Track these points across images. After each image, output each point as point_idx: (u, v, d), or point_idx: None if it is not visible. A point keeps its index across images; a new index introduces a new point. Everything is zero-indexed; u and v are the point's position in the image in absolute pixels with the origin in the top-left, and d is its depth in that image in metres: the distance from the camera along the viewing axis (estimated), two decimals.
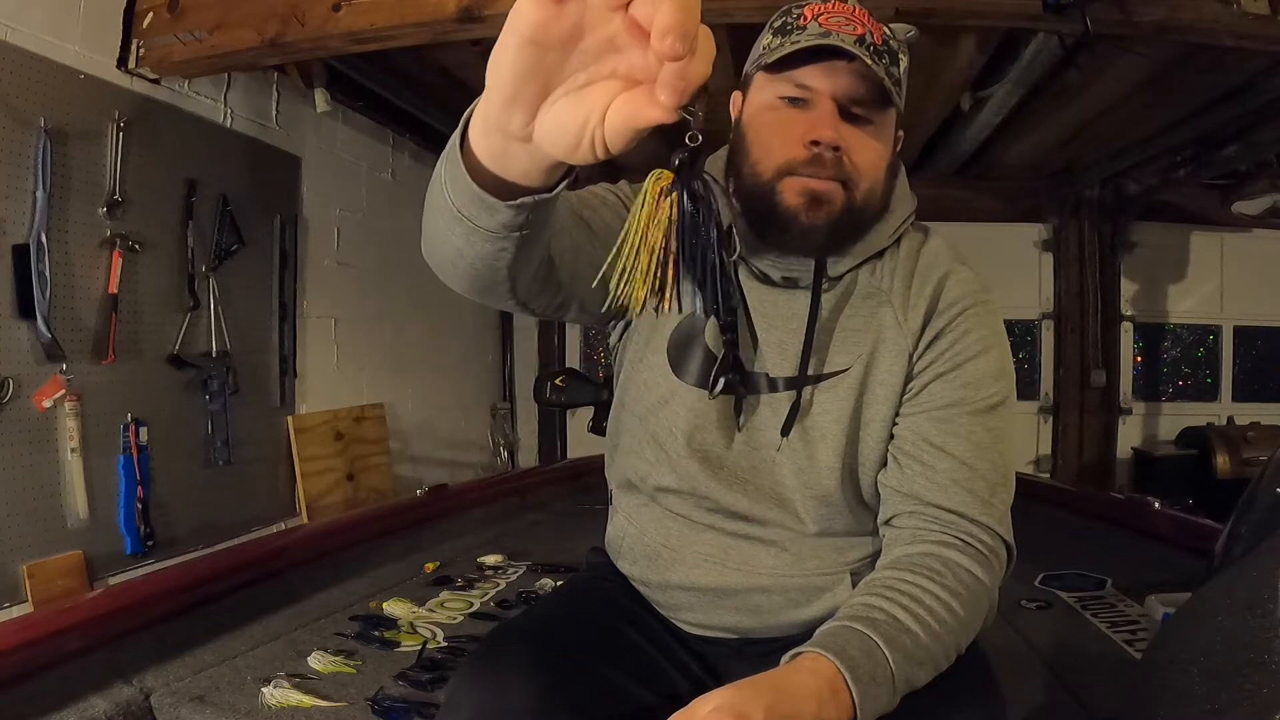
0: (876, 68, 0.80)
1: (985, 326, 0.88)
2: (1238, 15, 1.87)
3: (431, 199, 0.63)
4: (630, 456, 0.96)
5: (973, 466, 0.83)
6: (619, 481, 1.01)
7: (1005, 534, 0.84)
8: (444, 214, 0.60)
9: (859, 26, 0.81)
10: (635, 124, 0.41)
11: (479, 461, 4.38)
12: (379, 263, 3.41)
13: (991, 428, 0.85)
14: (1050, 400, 4.43)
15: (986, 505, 0.82)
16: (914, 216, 0.94)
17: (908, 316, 0.87)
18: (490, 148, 0.50)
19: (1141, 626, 1.48)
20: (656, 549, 0.94)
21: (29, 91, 1.94)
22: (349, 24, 2.13)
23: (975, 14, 2.03)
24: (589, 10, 0.39)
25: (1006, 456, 0.86)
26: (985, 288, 0.90)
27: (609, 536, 1.04)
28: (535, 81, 0.42)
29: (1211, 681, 0.58)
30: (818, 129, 0.81)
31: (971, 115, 3.16)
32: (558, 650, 0.81)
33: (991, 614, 0.84)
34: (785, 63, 0.82)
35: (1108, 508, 2.27)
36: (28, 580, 1.95)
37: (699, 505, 0.91)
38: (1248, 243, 4.26)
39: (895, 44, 0.85)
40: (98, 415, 2.15)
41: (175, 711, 1.14)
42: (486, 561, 1.88)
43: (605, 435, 1.04)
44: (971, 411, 0.85)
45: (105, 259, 2.16)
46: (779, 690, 0.64)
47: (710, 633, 0.93)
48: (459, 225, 0.60)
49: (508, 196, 0.55)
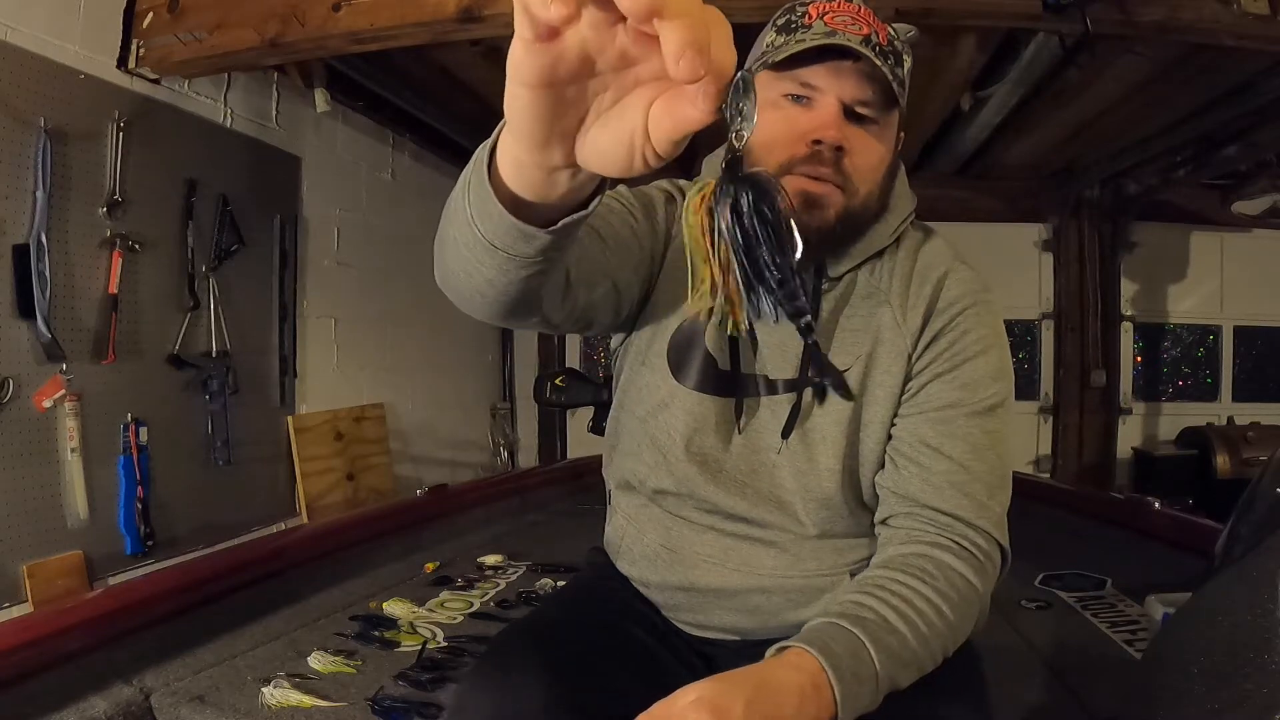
0: (883, 68, 0.79)
1: (985, 326, 0.87)
2: (1238, 15, 1.87)
3: (453, 233, 0.60)
4: (629, 459, 0.96)
5: (969, 469, 0.82)
6: (618, 482, 1.00)
7: (1001, 538, 0.83)
8: (473, 248, 0.58)
9: (865, 26, 0.80)
10: (679, 133, 0.38)
11: (479, 461, 4.38)
12: (379, 263, 3.41)
13: (990, 430, 0.84)
14: (1050, 400, 4.43)
15: (983, 508, 0.82)
16: (914, 215, 0.94)
17: (906, 317, 0.87)
18: (529, 182, 0.48)
19: (1141, 626, 1.48)
20: (656, 550, 0.94)
21: (29, 91, 1.94)
22: (349, 24, 2.13)
23: (975, 14, 2.03)
24: (588, 37, 0.36)
25: (1005, 459, 0.85)
26: (985, 287, 0.89)
27: (608, 536, 1.03)
28: (562, 119, 0.40)
29: (1211, 681, 0.58)
30: (821, 129, 0.80)
31: (971, 115, 3.16)
32: (566, 653, 0.80)
33: (982, 618, 0.83)
34: (791, 61, 0.81)
35: (1108, 508, 2.27)
36: (28, 580, 1.95)
37: (698, 508, 0.91)
38: (1248, 243, 4.26)
39: (900, 45, 0.84)
40: (98, 415, 2.15)
41: (175, 711, 1.14)
42: (486, 561, 1.88)
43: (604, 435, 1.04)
44: (970, 413, 0.84)
45: (105, 259, 2.17)
46: (761, 684, 0.64)
47: (710, 634, 0.93)
48: (492, 257, 0.58)
49: (545, 223, 0.53)
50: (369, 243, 3.39)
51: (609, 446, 1.02)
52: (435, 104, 3.24)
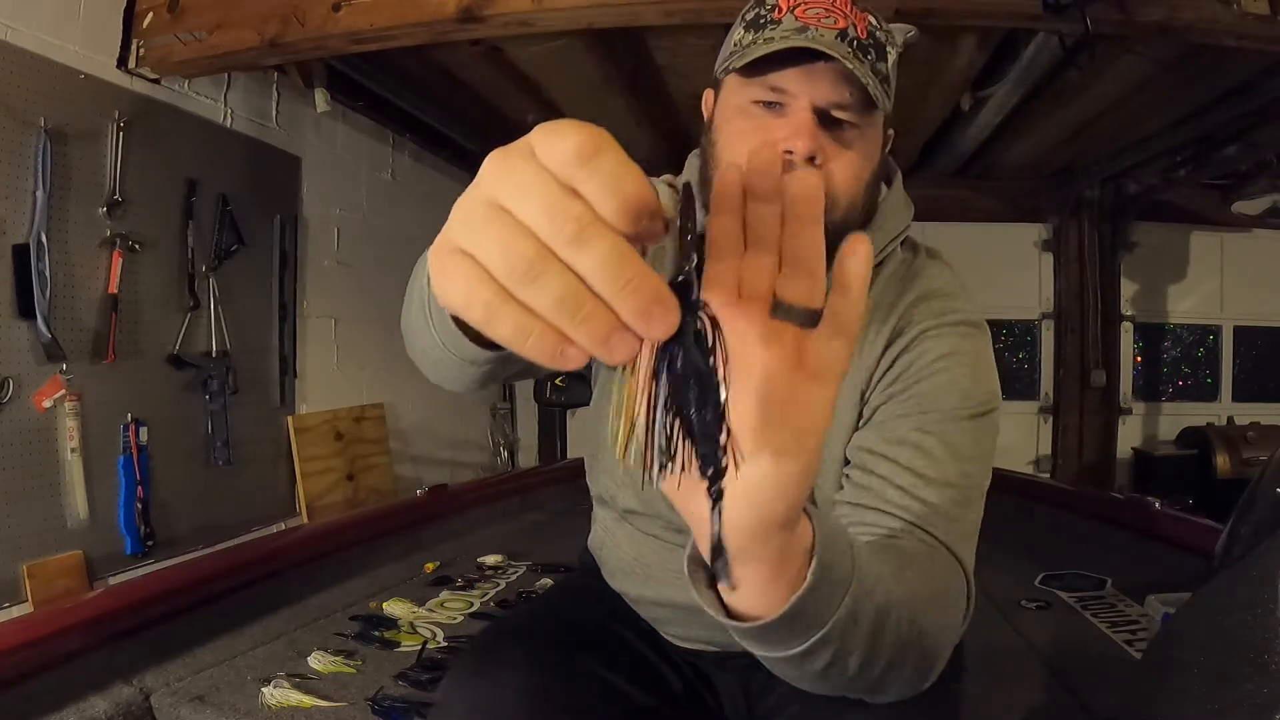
0: (860, 68, 0.71)
1: (947, 345, 0.77)
2: (1238, 15, 1.86)
3: (423, 347, 0.61)
4: (602, 474, 0.95)
5: (922, 474, 0.70)
6: (595, 494, 0.99)
7: (965, 558, 0.67)
8: (450, 365, 0.59)
9: (840, 18, 0.72)
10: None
11: (479, 461, 4.38)
12: (379, 263, 3.41)
13: (951, 440, 0.72)
14: (1050, 400, 4.43)
15: (937, 515, 0.68)
16: (908, 232, 0.85)
17: (863, 351, 0.78)
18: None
19: (1141, 626, 1.48)
20: (630, 565, 0.92)
21: (29, 91, 1.94)
22: (349, 24, 2.13)
23: (975, 14, 2.03)
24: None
25: (973, 475, 0.72)
26: (964, 315, 0.79)
27: (590, 542, 1.02)
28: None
29: (1211, 681, 0.58)
30: (791, 139, 0.72)
31: (971, 115, 3.16)
32: (550, 650, 0.80)
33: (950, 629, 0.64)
34: (759, 65, 0.72)
35: (1108, 508, 2.27)
36: (28, 580, 1.94)
37: (666, 527, 0.88)
38: (1248, 243, 4.26)
39: (882, 34, 0.76)
40: (98, 415, 2.15)
41: (175, 711, 1.14)
42: (486, 561, 1.88)
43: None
44: (922, 424, 0.72)
45: (105, 259, 2.16)
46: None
47: (691, 644, 0.92)
48: (476, 369, 0.59)
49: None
50: (369, 243, 3.39)
51: (589, 455, 1.00)
52: (435, 104, 3.24)
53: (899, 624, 0.55)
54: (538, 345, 0.31)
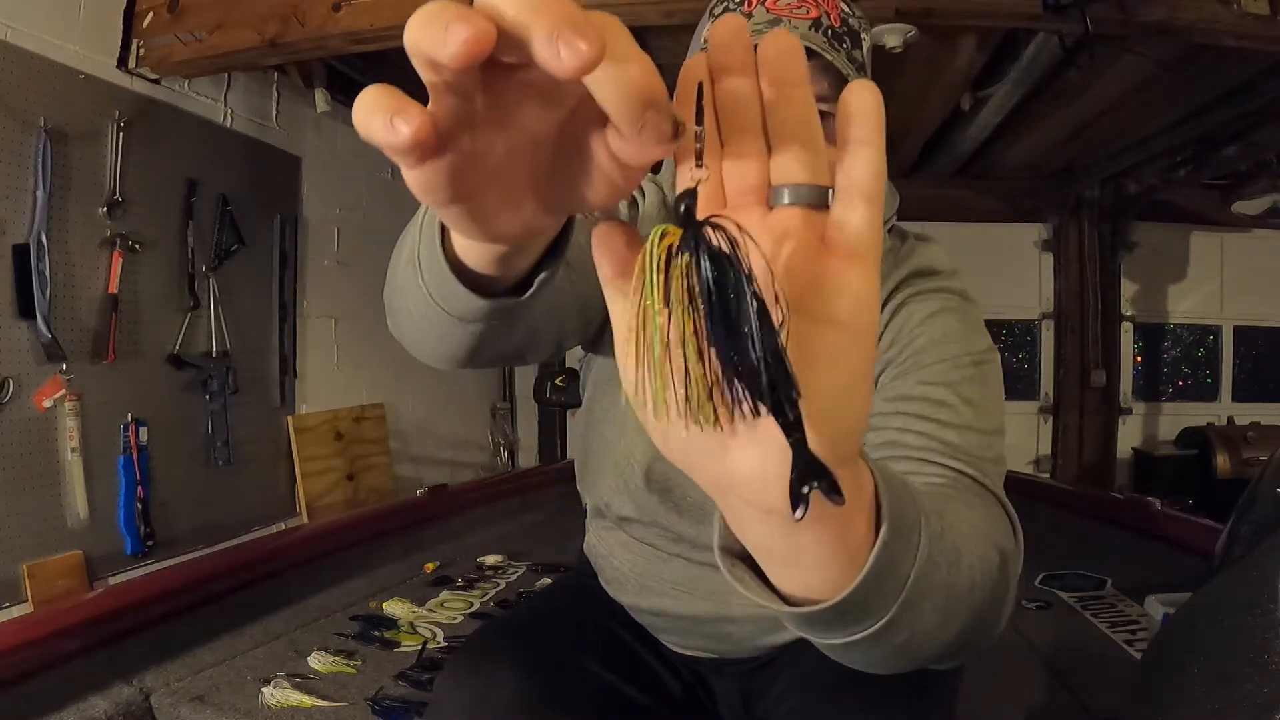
0: (837, 57, 0.69)
1: (935, 303, 0.75)
2: (1238, 15, 1.87)
3: (409, 307, 0.54)
4: (595, 483, 0.93)
5: (938, 419, 0.66)
6: (588, 502, 0.98)
7: (999, 493, 0.64)
8: (439, 324, 0.52)
9: (812, 8, 0.71)
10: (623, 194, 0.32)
11: (479, 461, 4.38)
12: (379, 263, 3.33)
13: (960, 390, 0.69)
14: (1050, 400, 4.43)
15: (972, 458, 0.64)
16: (894, 220, 0.83)
17: None
18: (491, 260, 0.42)
19: (1141, 626, 1.48)
20: (625, 574, 0.91)
21: (29, 91, 1.94)
22: (349, 24, 2.14)
23: (975, 14, 2.04)
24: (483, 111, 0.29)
25: (990, 417, 0.69)
26: (946, 281, 0.77)
27: (585, 547, 1.01)
28: (504, 196, 0.32)
29: (1211, 681, 0.58)
30: None
31: (971, 115, 3.16)
32: (545, 648, 0.80)
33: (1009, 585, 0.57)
34: None
35: (1108, 508, 2.27)
36: (28, 580, 1.94)
37: (662, 536, 0.88)
38: (1248, 243, 4.26)
39: (856, 20, 0.75)
40: (98, 415, 2.15)
41: (175, 711, 1.14)
42: (486, 561, 1.88)
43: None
44: (925, 380, 0.69)
45: (105, 259, 2.17)
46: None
47: (689, 652, 0.92)
48: (465, 329, 0.52)
49: (518, 284, 0.46)
50: (369, 243, 3.38)
51: (579, 463, 0.98)
52: None
53: (972, 562, 0.47)
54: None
